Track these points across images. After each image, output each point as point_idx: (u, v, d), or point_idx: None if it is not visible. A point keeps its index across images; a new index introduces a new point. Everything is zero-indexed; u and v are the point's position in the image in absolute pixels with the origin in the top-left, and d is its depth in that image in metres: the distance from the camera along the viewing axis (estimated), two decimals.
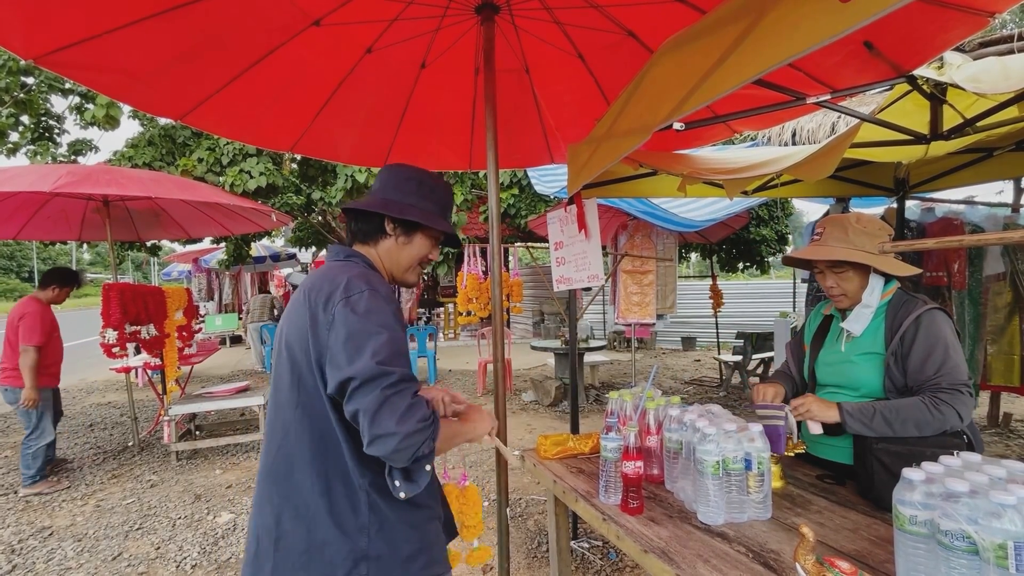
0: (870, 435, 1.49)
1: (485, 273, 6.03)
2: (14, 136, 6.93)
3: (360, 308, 1.06)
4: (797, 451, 1.61)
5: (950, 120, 2.08)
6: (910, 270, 1.60)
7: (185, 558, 2.97)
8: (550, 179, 5.10)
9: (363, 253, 1.25)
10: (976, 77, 1.74)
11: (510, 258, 6.42)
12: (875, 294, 1.60)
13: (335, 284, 1.10)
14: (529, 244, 8.92)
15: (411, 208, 1.26)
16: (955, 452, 1.14)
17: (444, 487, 1.52)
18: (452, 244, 1.41)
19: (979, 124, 2.00)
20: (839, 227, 1.60)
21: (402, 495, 1.07)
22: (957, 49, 1.93)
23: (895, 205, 3.31)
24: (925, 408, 1.45)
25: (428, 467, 1.10)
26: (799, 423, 1.62)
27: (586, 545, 2.97)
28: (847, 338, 1.66)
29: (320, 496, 1.08)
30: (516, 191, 8.64)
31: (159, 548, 3.09)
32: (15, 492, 3.99)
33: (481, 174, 8.03)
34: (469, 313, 6.06)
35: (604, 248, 5.72)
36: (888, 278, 1.63)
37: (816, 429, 1.57)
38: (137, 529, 3.34)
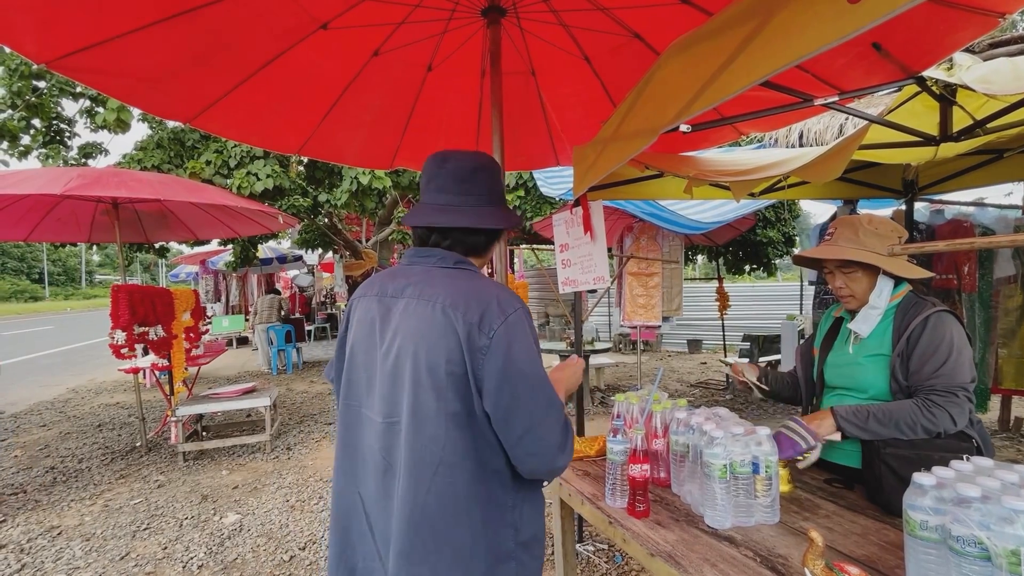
0: (866, 438, 1.50)
1: (491, 275, 6.05)
2: (26, 139, 7.01)
3: (522, 335, 1.00)
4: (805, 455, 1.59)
5: (960, 121, 2.06)
6: (920, 272, 1.59)
7: (192, 558, 2.98)
8: (556, 181, 5.10)
9: (467, 259, 1.15)
10: (986, 78, 1.72)
11: (515, 260, 6.42)
12: (883, 296, 1.58)
13: (486, 301, 1.00)
14: (534, 246, 8.92)
15: (493, 213, 1.14)
16: (966, 456, 1.13)
17: None
18: (517, 226, 1.36)
19: (989, 125, 1.98)
20: (850, 227, 1.60)
21: (546, 483, 1.13)
22: (967, 50, 1.91)
23: (904, 207, 3.28)
24: (917, 411, 1.44)
25: None
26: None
27: (591, 548, 2.96)
28: (855, 340, 1.65)
29: (480, 529, 1.01)
30: (522, 193, 8.65)
31: (166, 548, 3.11)
32: (24, 491, 4.03)
33: None
34: None
35: (609, 250, 5.72)
36: (898, 281, 1.61)
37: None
38: (144, 529, 3.36)
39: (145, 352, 5.61)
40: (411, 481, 1.00)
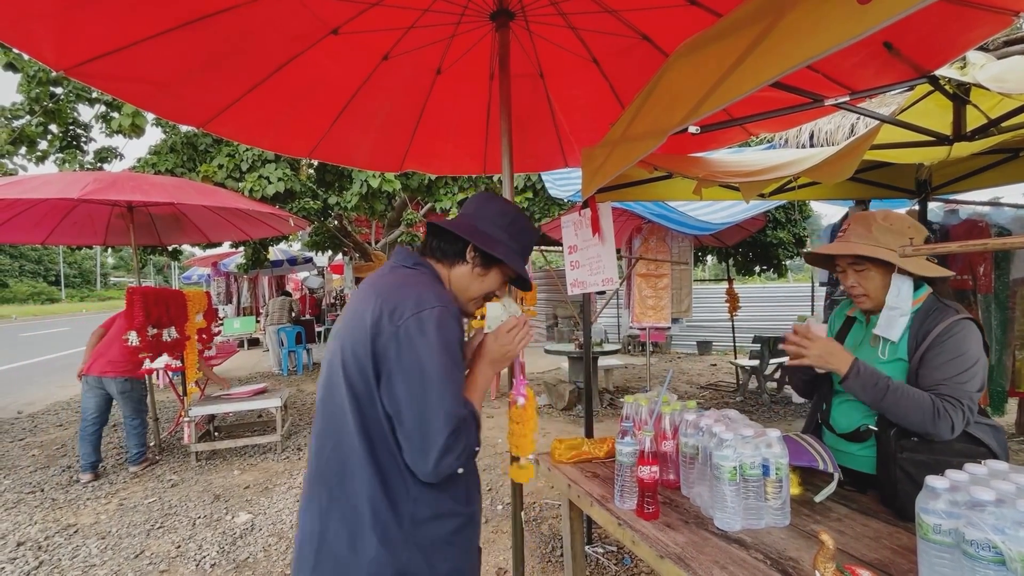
0: (862, 399, 1.47)
1: None
2: (43, 144, 7.15)
3: (429, 331, 1.04)
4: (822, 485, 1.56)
5: (974, 120, 2.04)
6: (937, 271, 1.54)
7: (204, 557, 3.02)
8: (564, 183, 5.10)
9: (432, 265, 1.24)
10: (1000, 77, 1.70)
11: None
12: (902, 296, 1.52)
13: (406, 294, 1.08)
14: (543, 248, 8.90)
15: (498, 244, 1.23)
16: (981, 461, 1.12)
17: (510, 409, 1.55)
18: (522, 287, 1.38)
19: (1004, 124, 1.96)
20: (863, 224, 1.57)
21: (460, 471, 1.13)
22: (980, 48, 1.89)
23: (917, 207, 3.24)
24: (932, 408, 1.40)
25: (477, 448, 1.12)
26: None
27: (600, 550, 2.95)
28: (883, 344, 1.58)
29: (367, 503, 1.06)
30: (530, 195, 8.65)
31: (179, 547, 3.15)
32: (41, 490, 4.11)
33: (496, 178, 8.07)
34: (483, 316, 6.07)
35: (618, 252, 5.70)
36: (919, 283, 1.57)
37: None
38: (158, 528, 3.40)
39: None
40: (321, 442, 1.13)
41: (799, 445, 1.55)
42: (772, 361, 6.63)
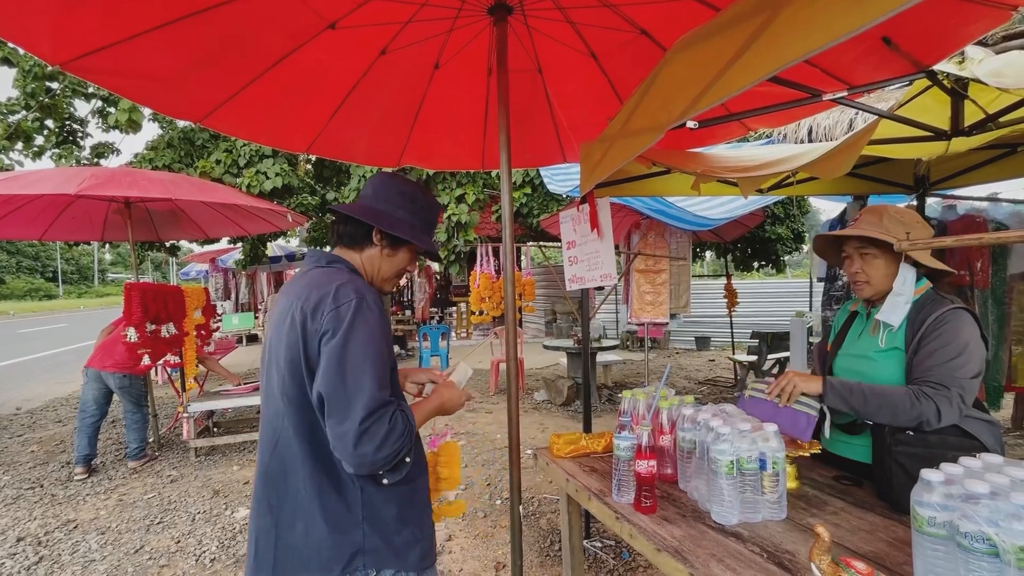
0: (846, 410, 1.52)
1: (498, 272, 6.06)
2: (39, 139, 7.11)
3: (350, 323, 1.07)
4: (813, 451, 1.59)
5: (972, 116, 2.04)
6: (940, 266, 1.59)
7: (204, 552, 3.03)
8: (562, 178, 5.09)
9: (345, 258, 1.26)
10: (999, 71, 1.70)
11: (522, 257, 6.43)
12: (907, 283, 1.57)
13: (324, 292, 1.11)
14: (541, 243, 8.91)
15: (401, 223, 1.27)
16: (975, 455, 1.12)
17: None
18: (433, 259, 1.47)
19: (1002, 119, 1.96)
20: (875, 213, 1.62)
21: (386, 481, 1.14)
22: (979, 43, 1.89)
23: (915, 203, 3.25)
24: (908, 397, 1.44)
25: (408, 459, 1.16)
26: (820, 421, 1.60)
27: (599, 544, 2.97)
28: (882, 331, 1.63)
29: (314, 497, 1.11)
30: (528, 190, 8.64)
31: (179, 542, 3.16)
32: (41, 486, 4.11)
33: (494, 174, 8.05)
34: (482, 312, 6.09)
35: (617, 247, 5.70)
36: (920, 276, 1.60)
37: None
38: (158, 523, 3.41)
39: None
40: (264, 446, 1.19)
41: (799, 415, 1.56)
42: (770, 357, 6.65)
